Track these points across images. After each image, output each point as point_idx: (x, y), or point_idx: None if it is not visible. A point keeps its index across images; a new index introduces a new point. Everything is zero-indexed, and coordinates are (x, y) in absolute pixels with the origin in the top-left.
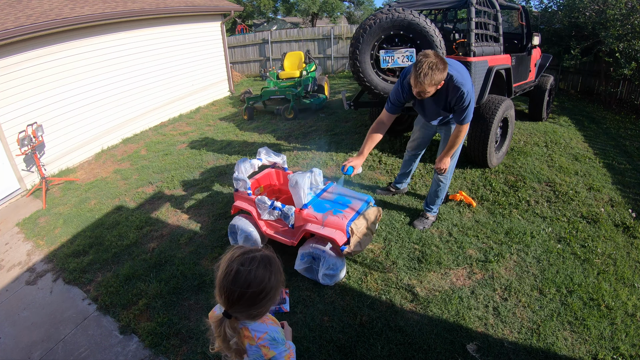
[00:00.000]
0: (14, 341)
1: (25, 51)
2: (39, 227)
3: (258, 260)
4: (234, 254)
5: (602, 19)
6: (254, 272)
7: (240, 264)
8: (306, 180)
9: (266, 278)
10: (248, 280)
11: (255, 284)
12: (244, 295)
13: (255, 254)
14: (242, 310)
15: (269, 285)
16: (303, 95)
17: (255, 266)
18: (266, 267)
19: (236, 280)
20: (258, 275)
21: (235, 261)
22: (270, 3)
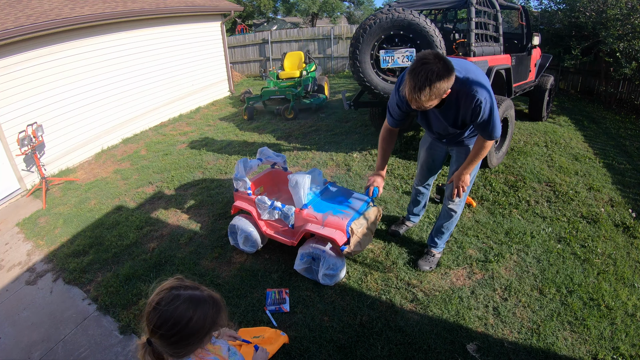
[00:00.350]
0: (14, 341)
1: (25, 51)
2: (39, 227)
3: (183, 299)
4: (163, 286)
5: (603, 19)
6: (171, 310)
7: (162, 297)
8: (306, 180)
9: (184, 320)
10: (163, 316)
11: (170, 324)
12: (158, 330)
13: (185, 293)
14: (161, 346)
15: (187, 329)
16: (303, 95)
17: (176, 304)
18: (188, 309)
19: (154, 312)
20: (174, 315)
21: (161, 292)
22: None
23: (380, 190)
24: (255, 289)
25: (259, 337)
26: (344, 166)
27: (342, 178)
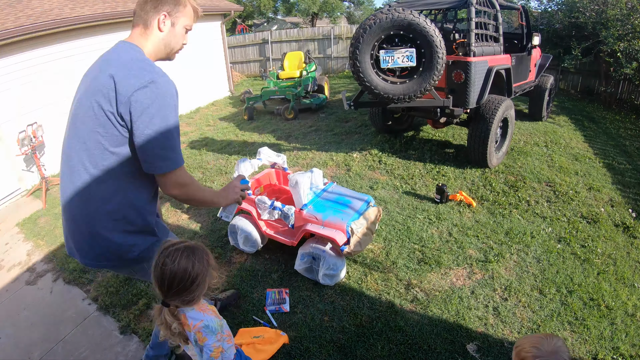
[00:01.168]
0: (14, 341)
1: (25, 51)
2: (39, 227)
3: (181, 250)
4: (162, 247)
5: (603, 19)
6: (176, 262)
7: (166, 256)
8: (306, 180)
9: (189, 267)
10: (173, 271)
11: (180, 274)
12: (172, 284)
13: (179, 246)
14: (175, 297)
15: (194, 272)
16: (303, 95)
17: (177, 257)
18: (189, 257)
19: (163, 271)
20: (181, 265)
21: (161, 254)
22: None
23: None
24: (255, 289)
25: (259, 337)
26: (344, 166)
27: (342, 178)
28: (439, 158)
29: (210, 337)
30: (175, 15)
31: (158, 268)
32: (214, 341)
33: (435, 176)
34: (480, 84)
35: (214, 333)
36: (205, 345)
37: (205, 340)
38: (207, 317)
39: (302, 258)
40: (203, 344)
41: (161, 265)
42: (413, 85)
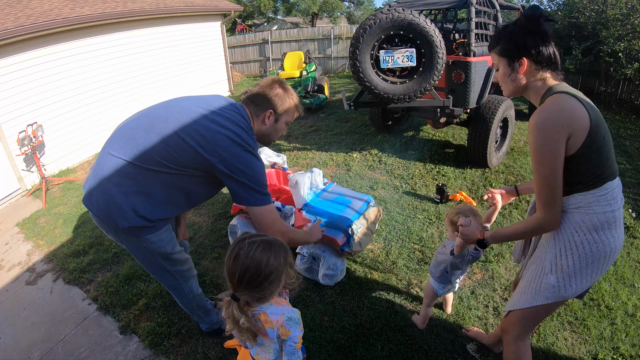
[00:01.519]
0: (14, 341)
1: (25, 51)
2: (39, 227)
3: (257, 244)
4: (238, 239)
5: (603, 19)
6: (251, 256)
7: (240, 248)
8: (306, 180)
9: (264, 261)
10: (245, 264)
11: (253, 268)
12: (243, 277)
13: (256, 239)
14: (246, 292)
15: (267, 268)
16: (303, 96)
17: (252, 250)
18: (264, 251)
19: (235, 263)
20: (255, 259)
21: (237, 247)
22: (270, 3)
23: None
24: None
25: None
26: (344, 166)
27: (342, 178)
28: (439, 158)
29: (294, 329)
30: (279, 113)
31: (231, 259)
32: (298, 332)
33: (435, 176)
34: (480, 84)
35: (297, 324)
36: (290, 338)
37: (289, 333)
38: (287, 309)
39: (302, 258)
40: (287, 337)
41: (234, 257)
42: (413, 85)
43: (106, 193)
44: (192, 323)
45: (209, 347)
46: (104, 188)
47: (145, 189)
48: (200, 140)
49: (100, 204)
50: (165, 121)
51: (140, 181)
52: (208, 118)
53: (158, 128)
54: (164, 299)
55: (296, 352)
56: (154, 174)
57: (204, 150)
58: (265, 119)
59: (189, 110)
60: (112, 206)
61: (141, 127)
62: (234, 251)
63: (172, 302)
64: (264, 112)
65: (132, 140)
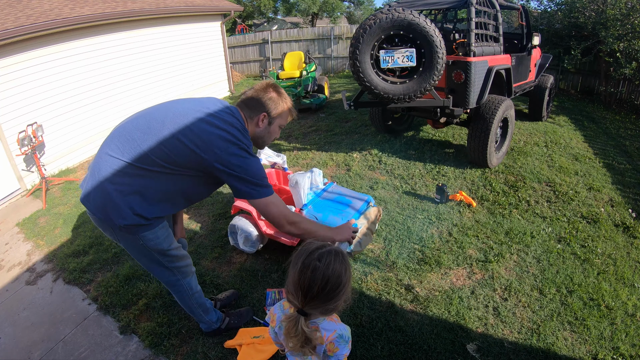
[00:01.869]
0: (14, 341)
1: (25, 51)
2: (39, 227)
3: (333, 254)
4: (308, 249)
5: (602, 19)
6: (331, 267)
7: (317, 259)
8: (306, 180)
9: (342, 271)
10: (327, 275)
11: (334, 278)
12: (324, 290)
13: (330, 249)
14: (319, 306)
15: (345, 278)
16: (303, 95)
17: (331, 260)
18: (342, 262)
19: (315, 275)
20: (336, 270)
21: (311, 257)
22: (270, 3)
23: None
24: (255, 289)
25: (259, 337)
26: (344, 166)
27: (342, 178)
28: (439, 158)
29: (343, 347)
30: (273, 117)
31: (308, 272)
32: (345, 351)
33: (435, 176)
34: (480, 84)
35: (347, 342)
36: (335, 355)
37: (337, 350)
38: (340, 325)
39: None
40: (334, 354)
41: (312, 269)
42: (413, 85)
43: (103, 192)
44: (192, 323)
45: (209, 347)
46: (101, 187)
47: (142, 188)
48: (196, 141)
49: (97, 202)
50: (162, 123)
51: (138, 181)
52: (203, 120)
53: (155, 130)
54: (164, 298)
55: None
56: (151, 173)
57: (200, 150)
58: (259, 122)
59: (185, 113)
60: (108, 204)
61: (138, 128)
62: (307, 263)
63: (172, 302)
64: (258, 115)
65: (129, 141)
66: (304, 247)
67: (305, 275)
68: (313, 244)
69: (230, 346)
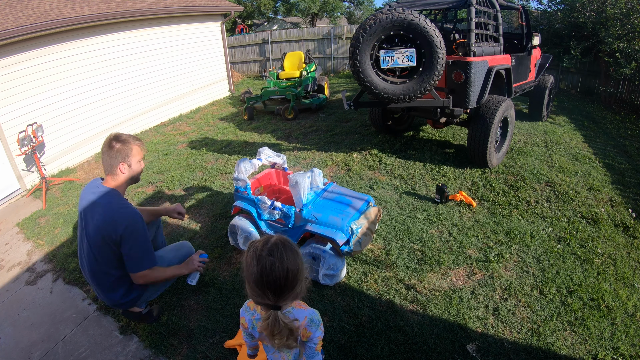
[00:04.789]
0: (14, 341)
1: (25, 51)
2: (39, 227)
3: (280, 244)
4: (255, 249)
5: (602, 19)
6: (285, 256)
7: (269, 255)
8: (306, 180)
9: (295, 255)
10: (285, 266)
11: (292, 266)
12: (287, 280)
13: (273, 240)
14: (289, 295)
15: (299, 260)
16: (303, 95)
17: (281, 250)
18: (290, 246)
19: (275, 271)
20: (290, 257)
21: (263, 255)
22: (270, 3)
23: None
24: None
25: None
26: (344, 166)
27: (342, 178)
28: (439, 158)
29: (316, 330)
30: (129, 160)
31: (267, 270)
32: (319, 334)
33: (435, 176)
34: (480, 84)
35: (318, 325)
36: (310, 340)
37: (310, 334)
38: (309, 311)
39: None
40: (308, 338)
41: (269, 267)
42: (413, 85)
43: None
44: (192, 323)
45: (209, 347)
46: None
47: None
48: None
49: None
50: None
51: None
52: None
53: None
54: (164, 299)
55: (317, 354)
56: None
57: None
58: (121, 170)
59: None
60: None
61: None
62: (265, 264)
63: (172, 302)
64: (117, 168)
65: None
66: (251, 248)
67: (267, 273)
68: (256, 242)
69: (230, 346)
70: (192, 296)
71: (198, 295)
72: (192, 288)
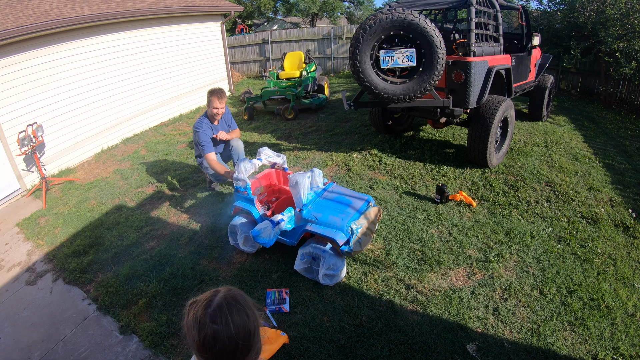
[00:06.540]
0: (14, 341)
1: (25, 51)
2: (39, 227)
3: (225, 306)
4: (196, 314)
5: (602, 19)
6: (231, 322)
7: (212, 322)
8: (306, 180)
9: (245, 318)
10: (231, 334)
11: (241, 333)
12: (237, 350)
13: (218, 302)
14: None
15: (251, 322)
16: (303, 95)
17: (226, 315)
18: (238, 307)
19: (219, 342)
20: (237, 323)
21: (204, 323)
22: (270, 3)
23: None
24: (255, 289)
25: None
26: (344, 166)
27: (342, 178)
28: (439, 158)
29: None
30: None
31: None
32: None
33: (435, 176)
34: (480, 84)
35: None
36: None
37: None
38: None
39: (302, 258)
40: None
41: (212, 337)
42: (413, 85)
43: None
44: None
45: None
46: None
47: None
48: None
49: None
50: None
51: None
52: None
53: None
54: (164, 299)
55: None
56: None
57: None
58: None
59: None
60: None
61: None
62: (206, 332)
63: (172, 302)
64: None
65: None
66: (191, 311)
67: (210, 345)
68: (197, 304)
69: None
70: (192, 296)
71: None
72: (192, 288)
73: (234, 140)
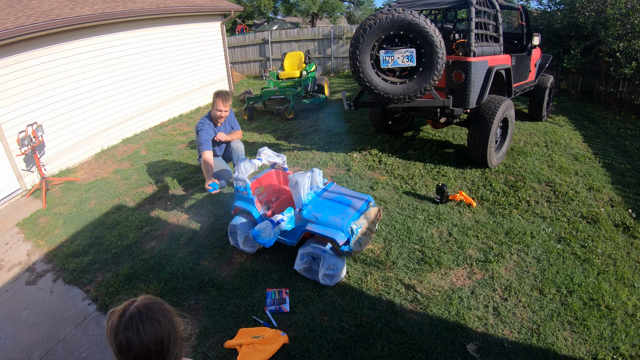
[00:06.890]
0: (14, 341)
1: (25, 51)
2: (39, 227)
3: (137, 315)
4: (112, 324)
5: (602, 19)
6: (142, 330)
7: (125, 330)
8: (306, 180)
9: (157, 326)
10: (143, 341)
11: (152, 339)
12: (150, 355)
13: (131, 311)
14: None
15: (163, 329)
16: (303, 95)
17: (137, 323)
18: (150, 316)
19: (133, 349)
20: (148, 330)
21: (119, 332)
22: (270, 3)
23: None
24: (255, 289)
25: (259, 337)
26: (344, 166)
27: (342, 178)
28: (439, 158)
29: None
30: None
31: (125, 349)
32: None
33: (435, 176)
34: (480, 84)
35: None
36: None
37: None
38: None
39: (302, 258)
40: None
41: (127, 344)
42: (413, 85)
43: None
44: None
45: (209, 347)
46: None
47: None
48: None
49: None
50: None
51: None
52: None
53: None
54: (164, 299)
55: None
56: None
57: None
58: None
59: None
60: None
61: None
62: (121, 340)
63: (172, 302)
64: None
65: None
66: (109, 320)
67: (124, 352)
68: (114, 314)
69: (230, 346)
70: (192, 296)
71: (198, 295)
72: (192, 288)
73: (234, 141)
